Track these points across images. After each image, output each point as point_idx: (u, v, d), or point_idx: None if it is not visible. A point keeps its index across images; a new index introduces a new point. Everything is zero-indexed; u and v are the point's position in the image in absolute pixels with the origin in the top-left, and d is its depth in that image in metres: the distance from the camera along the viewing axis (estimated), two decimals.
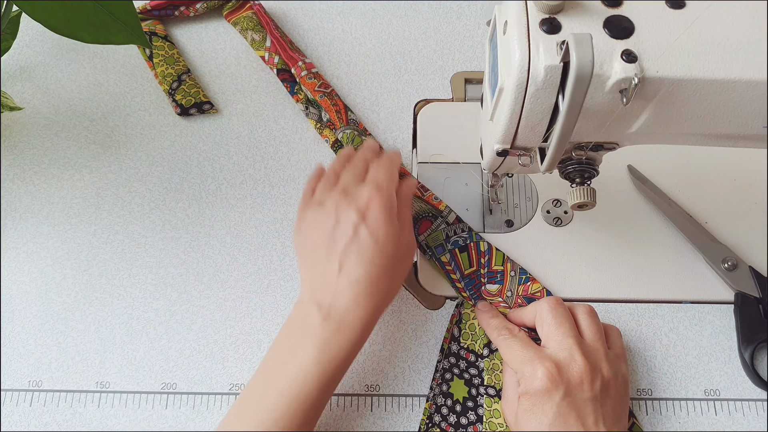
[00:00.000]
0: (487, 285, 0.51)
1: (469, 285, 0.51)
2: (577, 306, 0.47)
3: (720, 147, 0.42)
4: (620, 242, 0.53)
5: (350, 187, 0.47)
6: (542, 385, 0.42)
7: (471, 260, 0.52)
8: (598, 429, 0.41)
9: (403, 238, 0.46)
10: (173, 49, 0.59)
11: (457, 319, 0.50)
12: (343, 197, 0.46)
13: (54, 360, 0.50)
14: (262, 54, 0.59)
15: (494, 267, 0.52)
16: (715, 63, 0.35)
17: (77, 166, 0.56)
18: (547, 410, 0.41)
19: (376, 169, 0.48)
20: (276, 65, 0.58)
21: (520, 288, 0.51)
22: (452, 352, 0.49)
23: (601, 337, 0.45)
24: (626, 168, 0.56)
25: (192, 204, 0.55)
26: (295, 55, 0.59)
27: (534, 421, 0.42)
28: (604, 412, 0.42)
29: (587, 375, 0.42)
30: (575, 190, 0.42)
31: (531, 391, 0.42)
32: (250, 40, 0.60)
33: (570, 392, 0.42)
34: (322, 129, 0.57)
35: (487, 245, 0.52)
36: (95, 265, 0.53)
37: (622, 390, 0.44)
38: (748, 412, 0.48)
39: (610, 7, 0.36)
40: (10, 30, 0.53)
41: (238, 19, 0.60)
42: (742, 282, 0.51)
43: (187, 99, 0.57)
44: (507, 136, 0.40)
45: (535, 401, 0.42)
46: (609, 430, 0.41)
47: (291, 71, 0.58)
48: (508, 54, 0.36)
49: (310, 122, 0.57)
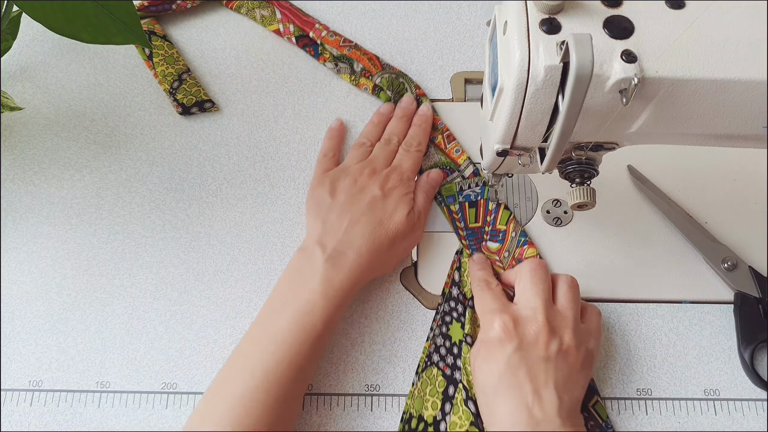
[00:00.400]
0: (488, 242, 0.53)
1: (470, 237, 0.53)
2: (561, 275, 0.47)
3: (720, 147, 0.42)
4: (620, 242, 0.53)
5: (379, 166, 0.53)
6: (496, 335, 0.44)
7: (478, 216, 0.53)
8: (547, 389, 0.42)
9: (414, 228, 0.51)
10: (172, 48, 0.59)
11: (457, 265, 0.52)
12: (372, 173, 0.52)
13: (54, 360, 0.50)
14: (275, 28, 0.60)
15: (498, 226, 0.53)
16: (715, 63, 0.35)
17: (77, 166, 0.56)
18: (499, 360, 0.43)
19: (405, 154, 0.54)
20: (293, 33, 0.59)
21: (517, 250, 0.52)
22: (452, 296, 0.51)
23: (575, 307, 0.46)
24: (626, 168, 0.56)
25: (192, 204, 0.55)
26: (309, 19, 0.60)
27: (486, 369, 0.43)
28: (556, 375, 0.42)
29: (544, 336, 0.43)
30: (575, 190, 0.42)
31: (486, 340, 0.45)
32: (260, 18, 0.60)
33: (522, 347, 0.43)
34: (357, 80, 0.59)
35: (497, 201, 0.53)
36: (95, 265, 0.53)
37: (583, 362, 0.44)
38: (748, 412, 0.48)
39: (610, 7, 0.36)
40: (10, 30, 0.53)
41: (240, 3, 0.61)
42: (742, 282, 0.51)
43: (189, 98, 0.57)
44: (507, 136, 0.40)
45: (489, 350, 0.44)
46: (558, 394, 0.42)
47: (309, 35, 0.59)
48: (508, 54, 0.36)
49: (344, 77, 0.59)
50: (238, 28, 0.62)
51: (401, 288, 0.52)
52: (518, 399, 0.42)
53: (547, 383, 0.42)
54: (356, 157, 0.54)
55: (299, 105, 0.59)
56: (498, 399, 0.42)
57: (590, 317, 0.47)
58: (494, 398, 0.43)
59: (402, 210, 0.50)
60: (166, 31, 0.61)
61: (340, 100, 0.59)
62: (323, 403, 0.48)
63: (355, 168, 0.52)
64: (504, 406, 0.42)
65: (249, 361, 0.44)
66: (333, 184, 0.51)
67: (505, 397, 0.42)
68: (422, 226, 0.52)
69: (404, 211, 0.50)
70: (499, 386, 0.42)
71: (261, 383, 0.43)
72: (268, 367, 0.43)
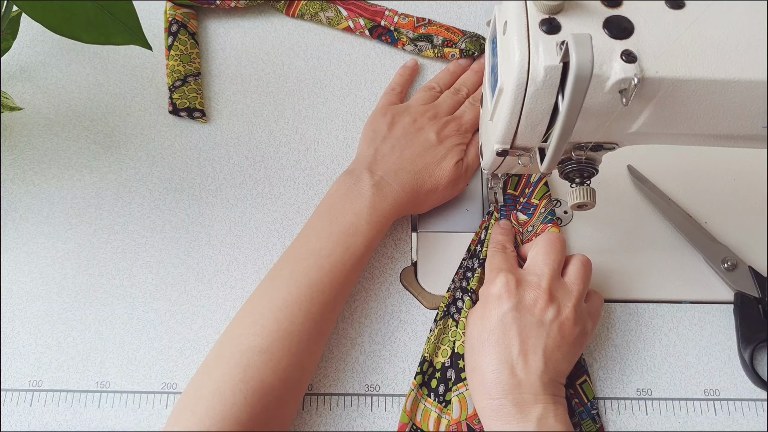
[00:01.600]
0: (519, 212, 0.53)
1: (506, 203, 0.54)
2: (576, 254, 0.48)
3: (720, 147, 0.42)
4: (620, 242, 0.53)
5: (441, 112, 0.54)
6: (496, 291, 0.44)
7: (518, 185, 0.54)
8: (534, 354, 0.42)
9: (458, 180, 0.52)
10: (195, 48, 0.59)
11: (486, 224, 0.52)
12: (433, 117, 0.53)
13: (54, 360, 0.50)
14: (345, 26, 0.60)
15: (532, 200, 0.53)
16: (715, 63, 0.35)
17: (77, 166, 0.56)
18: (493, 315, 0.44)
19: (470, 107, 0.55)
20: (365, 27, 0.60)
21: (540, 226, 0.52)
22: (476, 253, 0.51)
23: (582, 285, 0.46)
24: (626, 168, 0.56)
25: (192, 204, 0.55)
26: (375, 7, 0.60)
27: (479, 324, 0.44)
28: (546, 342, 0.43)
29: (543, 302, 0.43)
30: (575, 190, 0.42)
31: (485, 293, 0.46)
32: (326, 21, 0.60)
33: (519, 308, 0.43)
34: (441, 51, 0.59)
35: (538, 178, 0.54)
36: (95, 265, 0.53)
37: (576, 338, 0.44)
38: (748, 412, 0.48)
39: (609, 7, 0.36)
40: (10, 30, 0.53)
41: (301, 9, 0.61)
42: (742, 282, 0.51)
43: (182, 101, 0.57)
44: (507, 136, 0.40)
45: (485, 303, 0.45)
46: (545, 360, 0.42)
47: (381, 24, 0.60)
48: (507, 54, 0.36)
49: (427, 54, 0.60)
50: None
51: (401, 288, 0.52)
52: (504, 356, 0.42)
53: (536, 348, 0.42)
54: (422, 99, 0.55)
55: (299, 105, 0.59)
56: (483, 353, 0.43)
57: (593, 300, 0.48)
58: (480, 352, 0.43)
59: (451, 159, 0.51)
60: (203, 25, 0.61)
61: (339, 100, 0.59)
62: (323, 403, 0.48)
63: (418, 109, 0.54)
64: (488, 360, 0.43)
65: (292, 273, 0.45)
66: (393, 118, 0.53)
67: (490, 352, 0.43)
68: (467, 179, 0.54)
69: (453, 160, 0.51)
70: (488, 342, 0.43)
71: (306, 293, 0.44)
72: (312, 278, 0.44)
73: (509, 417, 0.41)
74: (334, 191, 0.49)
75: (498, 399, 0.42)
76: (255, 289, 0.46)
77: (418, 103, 0.55)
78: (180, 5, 0.59)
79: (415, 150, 0.51)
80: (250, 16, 0.62)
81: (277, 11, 0.62)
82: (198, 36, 0.60)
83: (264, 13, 0.62)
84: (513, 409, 0.41)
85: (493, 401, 0.42)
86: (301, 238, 0.48)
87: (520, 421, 0.41)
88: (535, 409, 0.41)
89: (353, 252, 0.46)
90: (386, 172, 0.49)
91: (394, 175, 0.49)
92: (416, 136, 0.52)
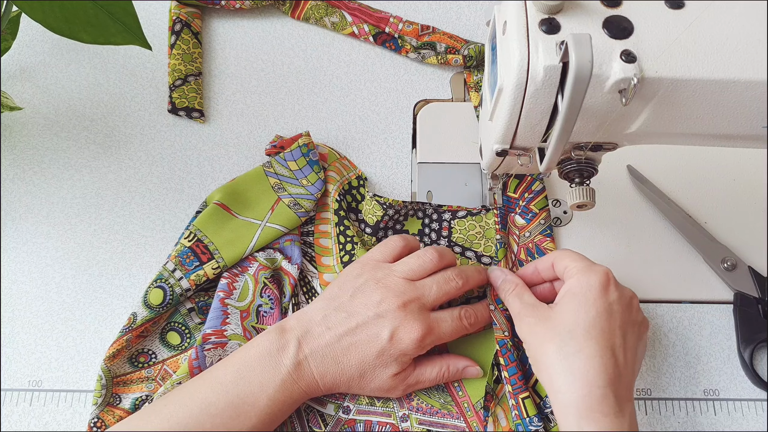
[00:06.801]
0: (517, 216, 0.53)
1: (504, 205, 0.54)
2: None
3: (720, 147, 0.42)
4: (620, 242, 0.53)
5: (419, 307, 0.45)
6: (600, 280, 0.42)
7: (518, 188, 0.54)
8: (631, 350, 0.41)
9: (390, 390, 0.46)
10: (197, 48, 0.59)
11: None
12: (403, 307, 0.44)
13: (54, 360, 0.50)
14: (349, 31, 0.60)
15: (531, 206, 0.53)
16: (715, 63, 0.35)
17: (77, 166, 0.56)
18: (599, 304, 0.41)
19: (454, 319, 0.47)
20: (369, 33, 0.60)
21: (538, 237, 0.52)
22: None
23: None
24: (626, 168, 0.56)
25: (192, 204, 0.55)
26: (380, 13, 0.60)
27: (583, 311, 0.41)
28: (636, 345, 0.42)
29: (637, 303, 0.44)
30: (575, 190, 0.42)
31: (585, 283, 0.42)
32: (331, 26, 0.60)
33: (621, 302, 0.42)
34: (444, 58, 0.59)
35: (542, 187, 0.54)
36: (95, 265, 0.53)
37: (642, 350, 0.44)
38: (748, 412, 0.48)
39: (609, 7, 0.36)
40: (10, 30, 0.54)
41: (306, 13, 0.61)
42: (742, 282, 0.51)
43: (182, 101, 0.57)
44: (506, 136, 0.40)
45: (586, 293, 0.42)
46: (637, 359, 0.42)
47: (386, 31, 0.59)
48: (507, 54, 0.36)
49: (431, 61, 0.59)
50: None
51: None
52: (610, 343, 0.40)
53: (632, 345, 0.42)
54: (410, 269, 0.46)
55: (299, 105, 0.59)
56: (589, 339, 0.40)
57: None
58: (584, 339, 0.40)
59: (392, 368, 0.45)
60: (207, 25, 0.61)
61: (339, 100, 0.59)
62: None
63: (397, 285, 0.45)
64: (594, 346, 0.40)
65: (171, 416, 0.42)
66: (363, 286, 0.46)
67: (598, 339, 0.40)
68: (406, 392, 0.47)
69: (392, 370, 0.45)
70: (593, 329, 0.40)
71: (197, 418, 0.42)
72: (189, 429, 0.42)
73: (609, 410, 0.38)
74: (256, 345, 0.44)
75: (602, 388, 0.39)
76: (122, 420, 0.44)
77: (403, 272, 0.46)
78: (185, 4, 0.59)
79: (359, 339, 0.44)
80: (255, 17, 0.62)
81: (281, 13, 0.62)
82: (201, 36, 0.60)
83: (268, 15, 0.62)
84: (614, 402, 0.39)
85: (599, 390, 0.39)
86: (198, 378, 0.44)
87: (618, 415, 0.39)
88: (628, 407, 0.40)
89: (242, 421, 0.42)
90: (314, 351, 0.44)
91: (320, 360, 0.44)
92: (370, 324, 0.44)
